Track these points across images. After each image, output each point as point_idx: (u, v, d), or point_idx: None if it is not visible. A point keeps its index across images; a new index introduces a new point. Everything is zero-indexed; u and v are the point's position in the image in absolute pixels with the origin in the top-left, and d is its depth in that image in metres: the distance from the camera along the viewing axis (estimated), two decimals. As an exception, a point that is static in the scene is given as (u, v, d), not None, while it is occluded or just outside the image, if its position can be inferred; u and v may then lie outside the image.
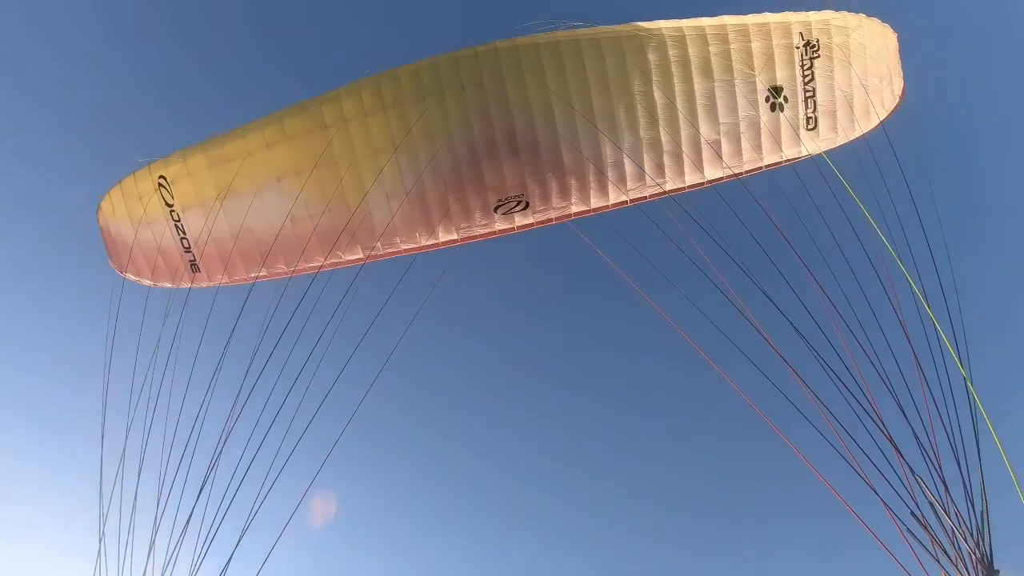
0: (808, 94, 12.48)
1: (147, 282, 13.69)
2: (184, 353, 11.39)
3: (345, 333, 11.11)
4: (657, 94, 11.87)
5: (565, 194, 12.57)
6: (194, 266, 13.22)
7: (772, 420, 8.53)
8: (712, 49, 11.80)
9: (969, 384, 7.70)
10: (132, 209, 13.17)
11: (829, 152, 12.72)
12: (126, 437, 10.55)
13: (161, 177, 12.72)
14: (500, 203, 12.51)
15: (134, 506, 9.67)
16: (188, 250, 13.11)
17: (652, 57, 11.70)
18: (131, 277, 13.79)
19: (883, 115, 13.09)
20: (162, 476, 9.80)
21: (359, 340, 11.18)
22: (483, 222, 12.70)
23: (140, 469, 9.99)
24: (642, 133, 12.12)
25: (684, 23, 11.76)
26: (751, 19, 11.89)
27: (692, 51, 11.76)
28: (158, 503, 9.46)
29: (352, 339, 11.16)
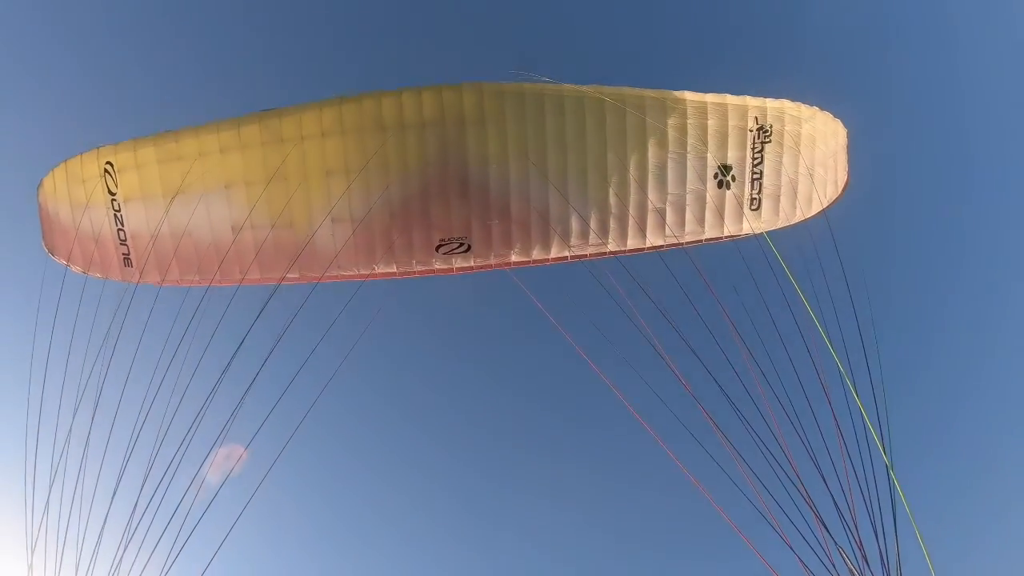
0: (755, 176, 12.99)
1: (77, 269, 13.35)
2: (115, 351, 11.15)
3: (281, 348, 11.09)
4: (611, 157, 12.19)
5: (508, 242, 12.76)
6: (127, 260, 12.96)
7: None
8: (670, 121, 12.20)
9: (890, 470, 8.14)
10: (74, 192, 12.86)
11: (770, 233, 13.24)
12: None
13: (108, 163, 12.47)
14: (442, 243, 12.61)
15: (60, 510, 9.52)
16: (123, 242, 12.84)
17: (610, 120, 12.02)
18: (61, 261, 13.44)
19: (825, 204, 13.70)
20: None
21: (300, 361, 11.20)
22: (423, 260, 12.80)
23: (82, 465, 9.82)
24: (591, 192, 12.42)
25: (647, 92, 12.14)
26: (711, 98, 12.33)
27: (650, 119, 12.14)
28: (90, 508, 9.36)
29: (284, 355, 11.13)
